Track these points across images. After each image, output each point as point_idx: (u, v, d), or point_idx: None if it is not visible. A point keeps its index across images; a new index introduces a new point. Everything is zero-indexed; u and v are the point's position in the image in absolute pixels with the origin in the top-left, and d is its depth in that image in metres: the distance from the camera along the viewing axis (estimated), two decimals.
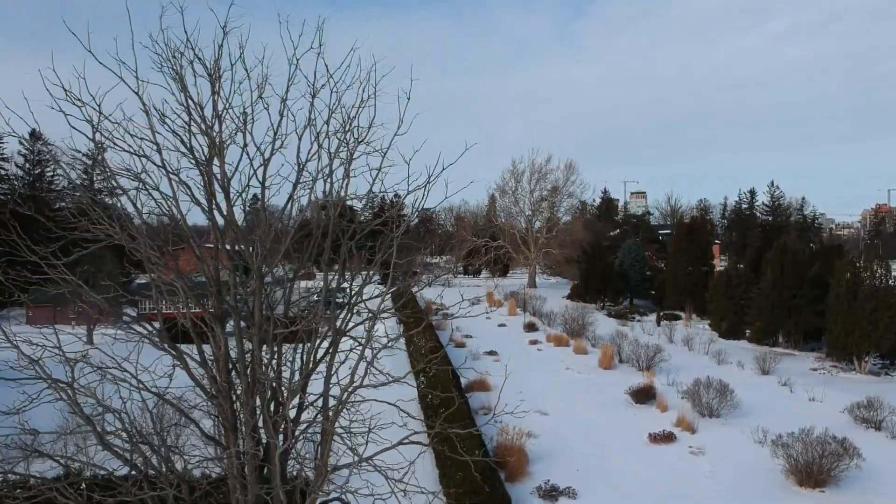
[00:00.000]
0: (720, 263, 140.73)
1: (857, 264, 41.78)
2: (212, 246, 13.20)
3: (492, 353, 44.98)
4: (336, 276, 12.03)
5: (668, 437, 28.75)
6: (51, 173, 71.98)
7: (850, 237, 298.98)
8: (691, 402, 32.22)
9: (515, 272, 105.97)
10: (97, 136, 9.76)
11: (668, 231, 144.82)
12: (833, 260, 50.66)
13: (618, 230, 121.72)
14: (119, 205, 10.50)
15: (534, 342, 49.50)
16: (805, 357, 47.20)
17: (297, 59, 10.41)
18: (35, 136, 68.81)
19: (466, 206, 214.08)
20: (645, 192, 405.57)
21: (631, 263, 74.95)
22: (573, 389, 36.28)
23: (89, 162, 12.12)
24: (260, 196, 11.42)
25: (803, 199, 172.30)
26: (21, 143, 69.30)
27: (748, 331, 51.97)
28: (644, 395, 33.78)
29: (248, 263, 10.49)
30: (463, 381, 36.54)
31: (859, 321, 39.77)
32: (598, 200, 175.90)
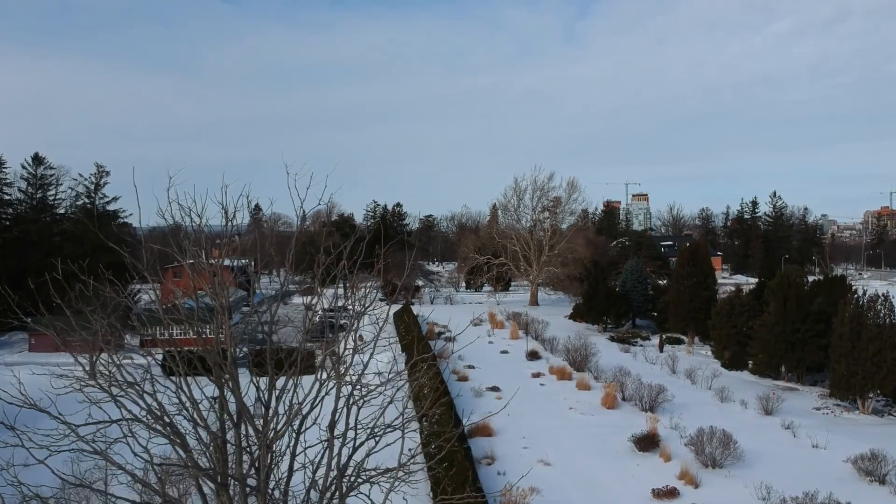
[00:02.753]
0: (721, 275, 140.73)
1: (861, 304, 41.71)
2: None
3: (494, 388, 44.90)
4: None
5: (671, 493, 28.71)
6: (53, 196, 72.15)
7: (852, 239, 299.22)
8: (695, 452, 32.16)
9: (519, 285, 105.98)
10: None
11: (670, 243, 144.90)
12: (836, 292, 50.63)
13: (619, 244, 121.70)
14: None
15: (536, 374, 49.44)
16: (808, 392, 47.15)
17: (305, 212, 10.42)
18: (38, 159, 68.96)
19: (468, 210, 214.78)
20: (647, 195, 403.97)
21: (633, 285, 74.91)
22: (577, 434, 36.21)
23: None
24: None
25: (805, 209, 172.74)
26: (24, 166, 69.43)
27: (751, 362, 51.90)
28: (647, 443, 33.73)
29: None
30: (465, 423, 36.50)
31: (863, 362, 39.71)
32: (601, 212, 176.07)
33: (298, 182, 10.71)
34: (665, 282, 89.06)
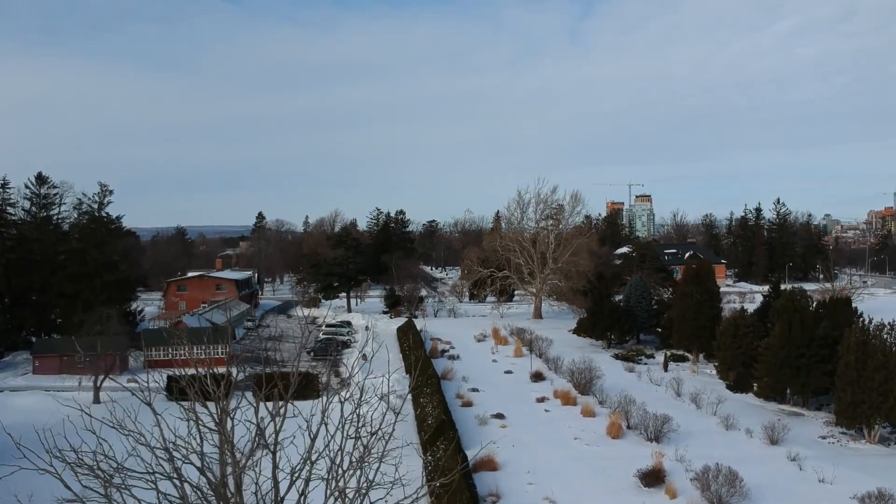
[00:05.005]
0: (725, 282, 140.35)
1: (867, 332, 41.51)
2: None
3: (499, 416, 44.74)
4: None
5: None
6: (56, 215, 72.12)
7: (855, 240, 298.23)
8: (701, 489, 32.00)
9: (522, 297, 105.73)
10: None
11: (674, 251, 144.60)
12: (841, 315, 50.41)
13: (622, 252, 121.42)
14: None
15: (541, 399, 49.25)
16: (813, 418, 46.92)
17: None
18: (41, 179, 69.04)
19: (471, 215, 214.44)
20: (650, 196, 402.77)
21: (637, 300, 74.73)
22: (582, 467, 36.03)
23: None
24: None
25: (809, 215, 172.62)
26: (27, 185, 69.49)
27: (756, 384, 51.69)
28: (653, 478, 33.56)
29: None
30: (469, 455, 36.21)
31: (869, 391, 39.53)
32: (604, 218, 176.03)
33: (301, 186, 10.49)
34: (670, 291, 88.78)
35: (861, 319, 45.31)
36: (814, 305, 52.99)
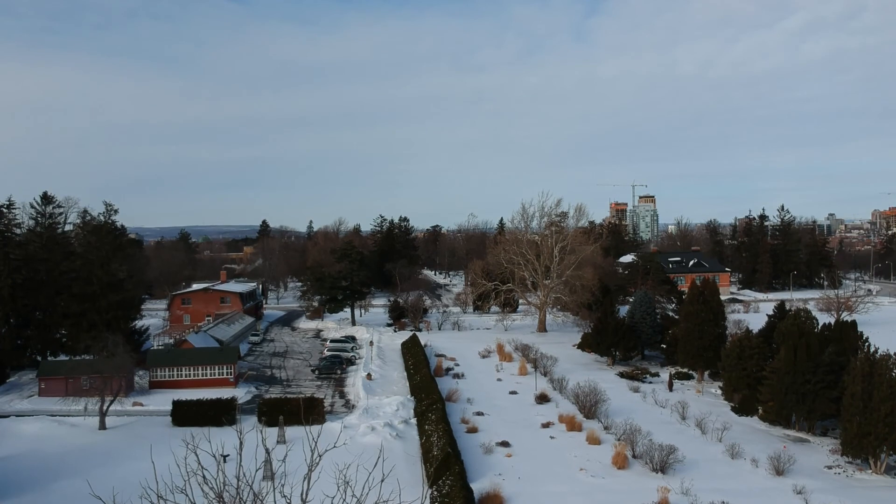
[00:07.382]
0: (730, 289, 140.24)
1: (873, 359, 41.40)
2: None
3: (504, 444, 44.73)
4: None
5: None
6: (61, 233, 72.23)
7: (860, 241, 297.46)
8: None
9: (526, 309, 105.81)
10: None
11: (678, 259, 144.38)
12: (847, 339, 50.33)
13: (627, 261, 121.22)
14: None
15: (546, 424, 49.19)
16: (819, 445, 46.80)
17: None
18: (46, 198, 69.24)
19: (474, 219, 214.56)
20: (654, 197, 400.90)
21: (642, 316, 74.62)
22: (588, 502, 35.99)
23: None
24: None
25: (814, 222, 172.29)
26: (33, 205, 69.79)
27: (761, 408, 51.64)
28: None
29: None
30: (475, 489, 36.18)
31: (875, 422, 39.45)
32: (608, 223, 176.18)
33: (304, 186, 10.51)
34: (674, 305, 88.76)
35: (867, 345, 45.18)
36: (819, 327, 52.87)
